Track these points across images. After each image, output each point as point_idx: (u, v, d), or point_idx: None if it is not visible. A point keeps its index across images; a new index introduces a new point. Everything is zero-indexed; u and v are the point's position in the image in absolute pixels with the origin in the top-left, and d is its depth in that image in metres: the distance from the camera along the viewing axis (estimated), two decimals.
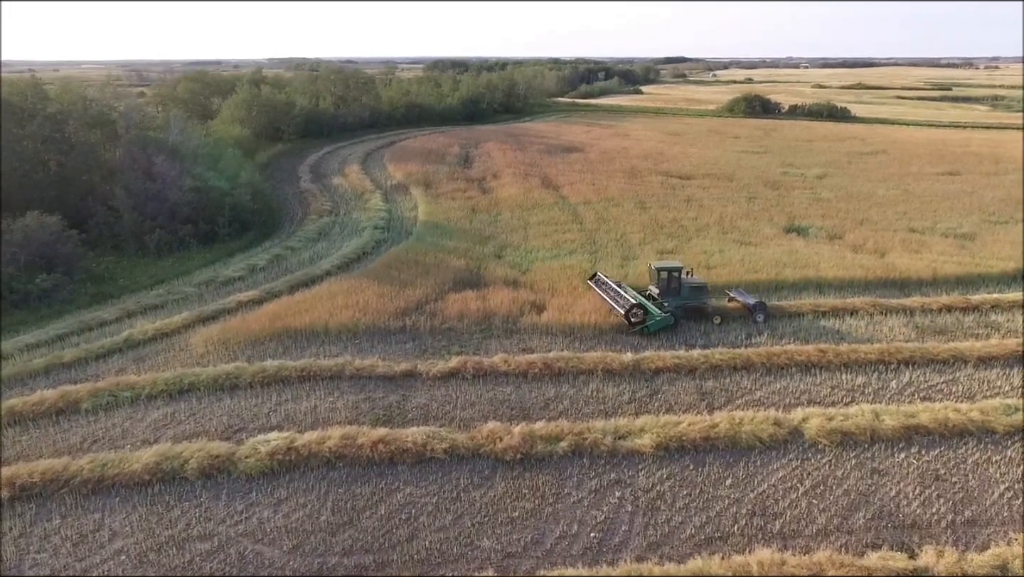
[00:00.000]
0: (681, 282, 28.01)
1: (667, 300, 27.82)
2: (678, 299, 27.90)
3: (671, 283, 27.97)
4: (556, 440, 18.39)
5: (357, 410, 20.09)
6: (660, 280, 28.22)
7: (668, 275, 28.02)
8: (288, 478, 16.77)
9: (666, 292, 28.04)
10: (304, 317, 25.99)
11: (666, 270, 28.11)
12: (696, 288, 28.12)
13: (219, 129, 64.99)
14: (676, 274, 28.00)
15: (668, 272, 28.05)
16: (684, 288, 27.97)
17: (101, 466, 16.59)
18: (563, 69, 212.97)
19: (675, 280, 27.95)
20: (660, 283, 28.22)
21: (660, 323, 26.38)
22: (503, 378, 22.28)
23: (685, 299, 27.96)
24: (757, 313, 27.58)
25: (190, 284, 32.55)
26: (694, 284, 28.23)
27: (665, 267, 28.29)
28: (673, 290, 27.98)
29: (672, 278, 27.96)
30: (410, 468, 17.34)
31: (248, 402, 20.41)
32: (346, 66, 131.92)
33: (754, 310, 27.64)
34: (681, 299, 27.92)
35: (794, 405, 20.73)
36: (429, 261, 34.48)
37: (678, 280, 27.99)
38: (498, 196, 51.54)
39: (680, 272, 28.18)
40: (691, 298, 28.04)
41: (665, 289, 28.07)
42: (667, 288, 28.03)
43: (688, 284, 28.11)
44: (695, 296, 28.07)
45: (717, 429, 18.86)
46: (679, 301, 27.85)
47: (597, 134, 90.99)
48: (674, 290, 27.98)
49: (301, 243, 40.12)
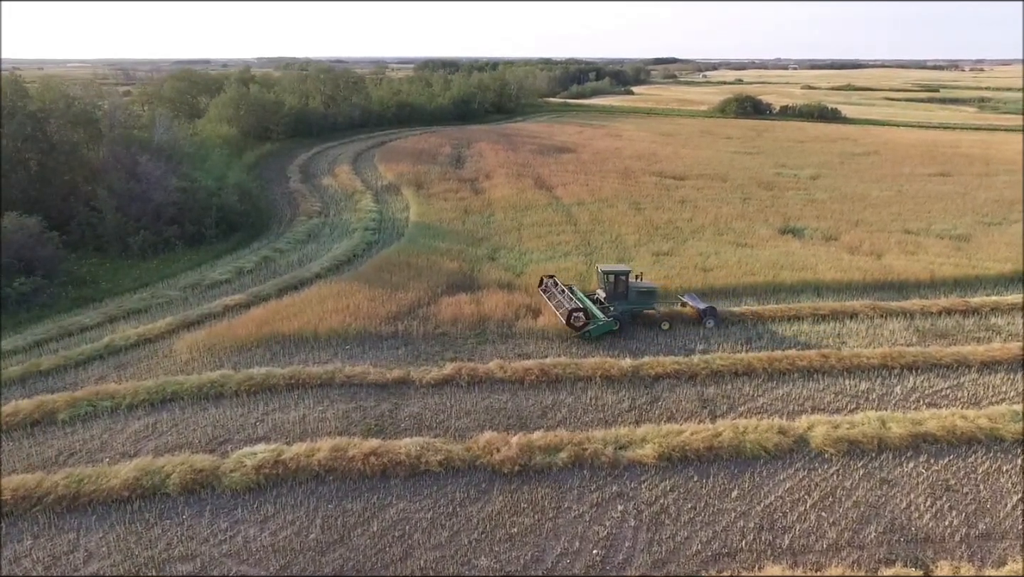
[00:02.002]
0: (628, 286, 27.33)
1: (614, 304, 27.15)
2: (625, 303, 27.20)
3: (618, 287, 27.31)
4: (555, 451, 17.73)
5: (348, 420, 19.33)
6: (607, 283, 27.55)
7: (615, 278, 27.35)
8: (275, 493, 15.99)
9: (613, 296, 27.36)
10: (293, 322, 25.18)
11: (613, 273, 27.46)
12: (644, 292, 27.37)
13: (206, 128, 63.87)
14: (623, 278, 27.34)
15: (615, 275, 27.39)
16: (631, 292, 27.28)
17: (77, 482, 15.73)
18: (554, 69, 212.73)
19: (622, 284, 27.29)
20: (607, 287, 27.55)
21: (602, 328, 25.54)
22: (499, 385, 21.60)
23: (632, 304, 27.30)
24: (707, 318, 26.99)
25: (175, 287, 31.62)
26: (642, 288, 27.46)
27: (612, 270, 27.65)
28: (620, 294, 27.30)
29: (619, 281, 27.29)
30: (403, 482, 16.61)
31: (234, 412, 19.59)
32: (335, 65, 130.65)
33: (705, 315, 27.06)
34: (628, 303, 27.24)
35: (798, 412, 20.19)
36: (421, 263, 33.73)
37: (625, 284, 27.32)
38: (491, 197, 50.86)
39: (627, 276, 27.51)
40: (638, 303, 27.33)
41: (612, 293, 27.39)
42: (614, 292, 27.36)
43: (636, 288, 27.38)
44: (642, 301, 27.36)
45: (720, 438, 18.28)
46: (626, 305, 27.15)
47: (589, 134, 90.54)
48: (621, 294, 27.30)
49: (290, 245, 39.24)
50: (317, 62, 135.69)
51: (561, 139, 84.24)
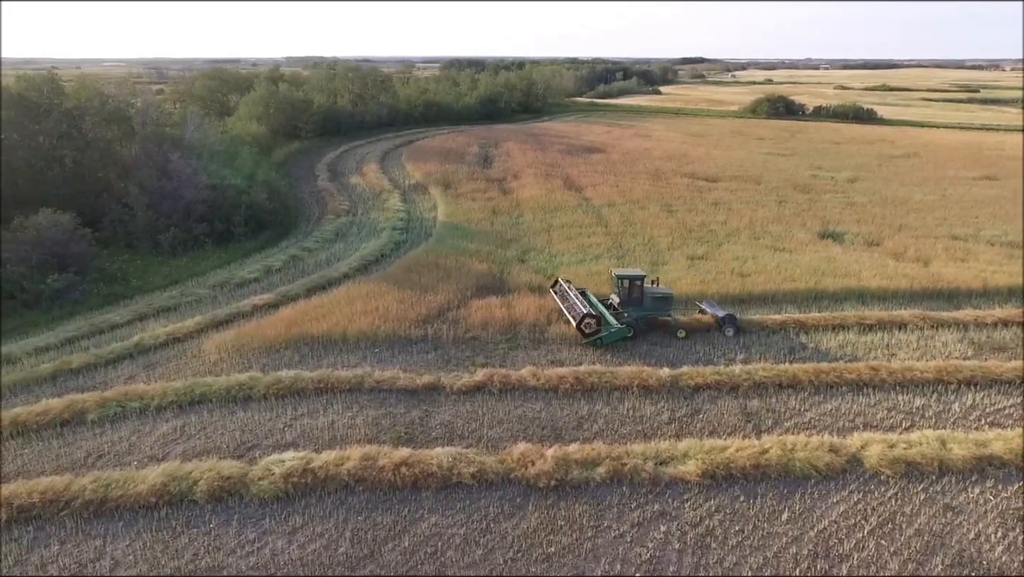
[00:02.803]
0: (644, 292, 26.24)
1: (627, 310, 26.09)
2: (640, 310, 26.12)
3: (632, 292, 26.24)
4: (593, 465, 16.94)
5: (377, 427, 18.78)
6: (621, 289, 26.49)
7: (630, 284, 26.29)
8: (304, 504, 15.47)
9: (627, 302, 26.30)
10: (321, 323, 24.76)
11: (627, 278, 26.38)
12: (660, 299, 26.25)
13: (236, 126, 64.22)
14: (638, 283, 26.27)
15: (630, 280, 26.32)
16: (647, 298, 26.18)
17: (105, 486, 15.40)
18: (581, 69, 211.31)
19: (637, 289, 26.23)
20: (621, 292, 26.50)
21: (615, 335, 24.57)
22: (532, 393, 20.86)
23: (647, 310, 26.20)
24: (727, 327, 25.81)
25: (204, 285, 31.50)
26: (658, 294, 26.33)
27: (627, 275, 26.56)
28: (634, 300, 26.23)
29: (634, 287, 26.23)
30: (435, 494, 15.98)
31: (262, 416, 19.17)
32: (363, 64, 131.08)
33: (724, 323, 25.88)
34: (643, 310, 26.16)
35: (849, 429, 19.11)
36: (450, 264, 33.15)
37: (640, 289, 26.25)
38: (519, 197, 50.15)
39: (642, 281, 26.44)
40: (653, 309, 26.22)
41: (626, 298, 26.34)
42: (628, 297, 26.30)
43: (651, 294, 26.27)
44: (658, 307, 26.24)
45: (768, 456, 17.31)
46: (640, 312, 26.08)
47: (618, 134, 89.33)
48: (635, 300, 26.22)
49: (318, 244, 39.00)
50: (345, 61, 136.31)
51: (589, 139, 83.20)
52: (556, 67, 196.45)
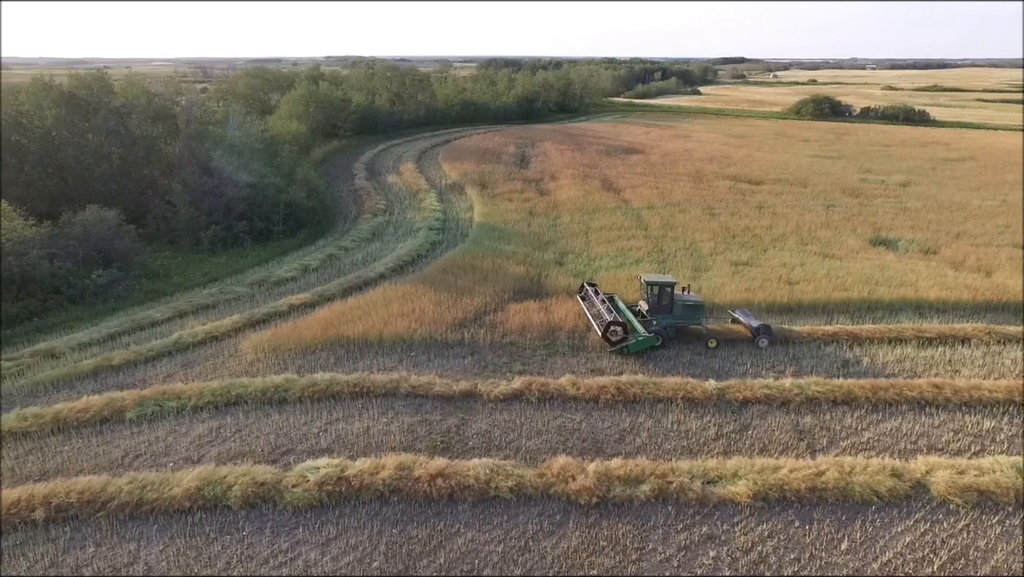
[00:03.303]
0: (673, 299, 25.18)
1: (656, 318, 25.05)
2: (668, 318, 25.09)
3: (662, 299, 25.20)
4: (636, 482, 16.15)
5: (413, 434, 18.31)
6: (650, 295, 25.47)
7: (659, 290, 25.23)
8: (338, 513, 15.06)
9: (656, 309, 25.28)
10: (357, 325, 24.46)
11: (657, 285, 25.32)
12: (691, 307, 25.15)
13: (276, 124, 64.96)
14: (669, 289, 25.21)
15: (659, 287, 25.26)
16: (677, 306, 25.11)
17: (140, 488, 15.25)
18: (618, 69, 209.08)
19: (667, 296, 25.18)
20: (650, 299, 25.49)
21: (642, 343, 23.61)
22: (571, 403, 20.14)
23: (676, 318, 25.16)
24: (761, 337, 24.56)
25: (243, 283, 31.62)
26: (688, 302, 25.21)
27: (656, 281, 25.52)
28: (664, 307, 25.19)
29: (664, 293, 25.18)
30: (472, 508, 15.40)
31: (297, 419, 18.90)
32: (400, 64, 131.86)
33: (758, 334, 24.62)
34: (672, 318, 25.12)
35: (912, 451, 17.88)
36: (487, 267, 32.61)
37: (670, 296, 25.19)
38: (557, 198, 49.39)
39: (673, 288, 25.36)
40: (683, 317, 25.17)
41: (655, 306, 25.31)
42: (657, 305, 25.28)
43: (681, 301, 25.17)
44: (688, 315, 25.16)
45: (824, 478, 16.26)
46: (669, 320, 25.06)
47: (657, 135, 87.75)
48: (665, 307, 25.19)
49: (355, 243, 38.93)
50: (383, 61, 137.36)
51: (628, 140, 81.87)
52: (593, 66, 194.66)
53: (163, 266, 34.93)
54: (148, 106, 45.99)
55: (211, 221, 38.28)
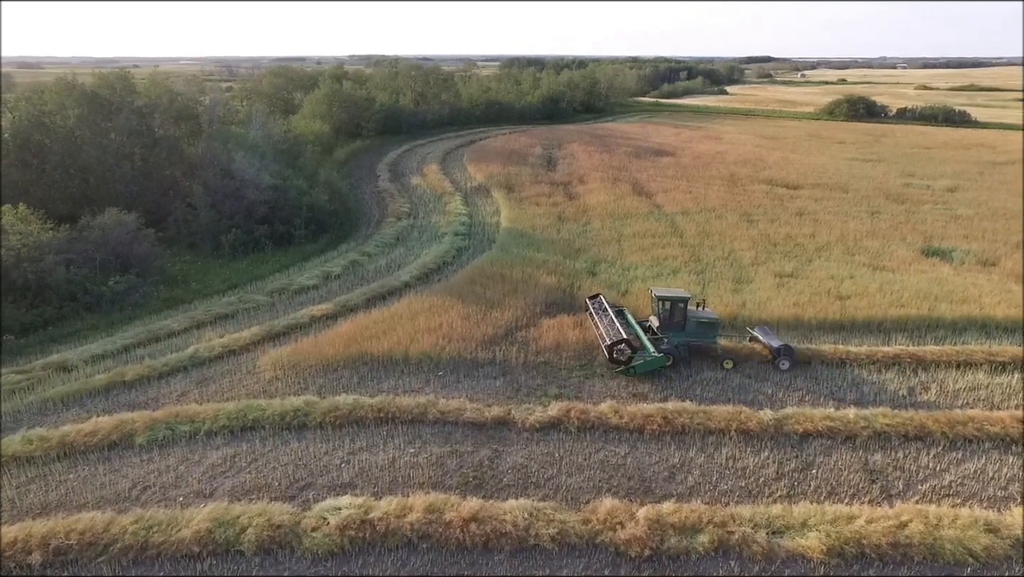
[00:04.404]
0: (687, 315, 23.25)
1: (667, 335, 23.11)
2: (681, 335, 23.16)
3: (674, 316, 23.27)
4: (693, 532, 14.42)
5: (442, 468, 16.76)
6: (662, 311, 23.49)
7: (672, 305, 23.27)
8: (361, 563, 13.55)
9: (667, 326, 23.36)
10: (382, 342, 22.99)
11: (670, 300, 23.35)
12: (705, 324, 23.23)
13: (300, 124, 64.07)
14: (682, 305, 23.26)
15: (672, 302, 23.30)
16: (690, 323, 23.17)
17: (147, 529, 13.91)
18: (643, 68, 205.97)
19: (680, 312, 23.24)
20: (661, 314, 23.52)
21: (649, 364, 21.66)
22: (614, 434, 18.45)
23: (690, 336, 23.23)
24: (782, 359, 22.55)
25: (263, 291, 30.41)
26: (703, 319, 23.30)
27: (668, 296, 23.55)
28: (676, 324, 23.27)
29: (676, 309, 23.24)
30: (509, 558, 13.80)
31: (317, 448, 17.47)
32: (424, 63, 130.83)
33: (778, 355, 22.60)
34: (685, 336, 23.20)
35: (1004, 500, 15.90)
36: (516, 276, 30.99)
37: (683, 313, 23.25)
38: (586, 202, 47.59)
39: (687, 303, 23.40)
40: (697, 335, 23.23)
41: (667, 322, 23.37)
42: (669, 321, 23.34)
43: (695, 318, 23.24)
44: (702, 333, 23.23)
45: (908, 532, 14.36)
46: (682, 338, 23.13)
47: (687, 136, 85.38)
48: (677, 324, 23.26)
49: (378, 248, 37.60)
50: (406, 59, 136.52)
51: (657, 141, 79.68)
52: (618, 66, 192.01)
53: (182, 271, 33.91)
54: (170, 106, 45.22)
55: (232, 225, 37.21)
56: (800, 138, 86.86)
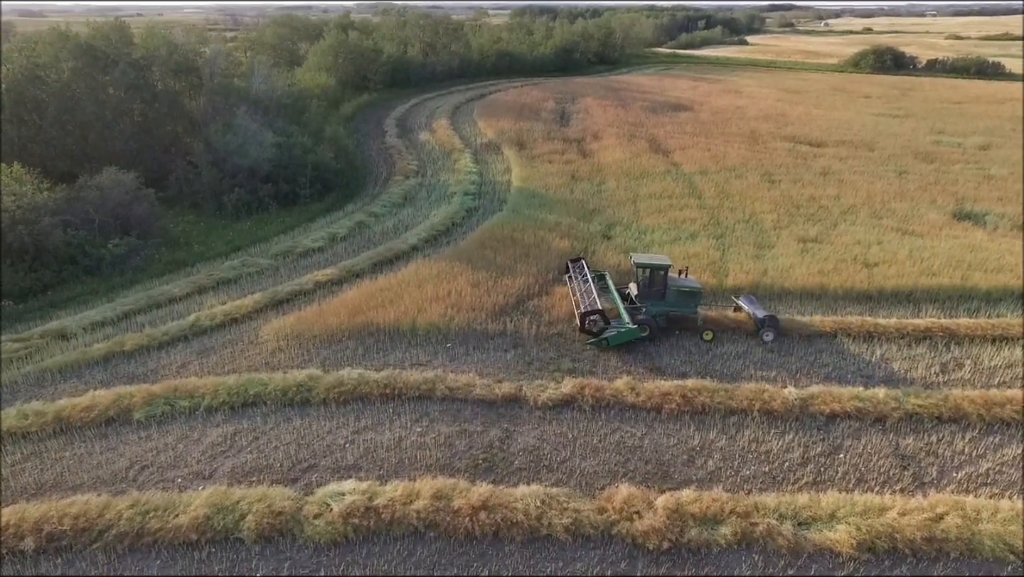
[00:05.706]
0: (667, 284, 22.03)
1: (645, 304, 21.98)
2: (660, 305, 22.00)
3: (654, 284, 22.08)
4: (714, 522, 13.67)
5: (451, 449, 16.04)
6: (641, 278, 22.29)
7: (651, 273, 22.06)
8: (365, 552, 12.95)
9: (646, 295, 22.19)
10: (388, 311, 22.09)
11: (649, 267, 22.10)
12: (686, 293, 21.93)
13: (304, 77, 61.87)
14: (662, 273, 22.01)
15: (651, 269, 22.06)
16: (670, 292, 21.94)
17: (143, 514, 13.34)
18: (660, 17, 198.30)
19: (659, 280, 22.03)
20: (640, 282, 22.33)
21: (624, 336, 20.51)
22: (630, 413, 17.61)
23: (669, 306, 22.04)
24: (765, 330, 21.45)
25: (266, 254, 29.48)
26: (684, 288, 21.99)
27: (647, 263, 22.24)
28: (655, 293, 22.09)
29: (656, 277, 22.04)
30: (520, 549, 13.14)
31: (321, 426, 16.78)
32: (434, 11, 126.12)
33: (762, 325, 21.48)
34: (664, 305, 22.02)
35: None
36: (528, 240, 29.83)
37: (663, 281, 22.03)
38: (600, 160, 45.83)
39: (667, 271, 22.12)
40: (677, 305, 22.02)
41: (646, 291, 22.20)
42: (648, 289, 22.16)
43: (676, 287, 21.97)
44: (682, 303, 21.99)
45: (944, 525, 13.53)
46: (660, 308, 21.98)
47: (705, 90, 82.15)
48: (657, 293, 22.07)
49: (385, 209, 36.38)
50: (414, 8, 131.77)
51: (674, 95, 76.74)
52: (635, 14, 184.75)
53: (184, 233, 32.96)
54: (169, 58, 43.39)
55: (235, 184, 36.04)
56: (824, 92, 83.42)
